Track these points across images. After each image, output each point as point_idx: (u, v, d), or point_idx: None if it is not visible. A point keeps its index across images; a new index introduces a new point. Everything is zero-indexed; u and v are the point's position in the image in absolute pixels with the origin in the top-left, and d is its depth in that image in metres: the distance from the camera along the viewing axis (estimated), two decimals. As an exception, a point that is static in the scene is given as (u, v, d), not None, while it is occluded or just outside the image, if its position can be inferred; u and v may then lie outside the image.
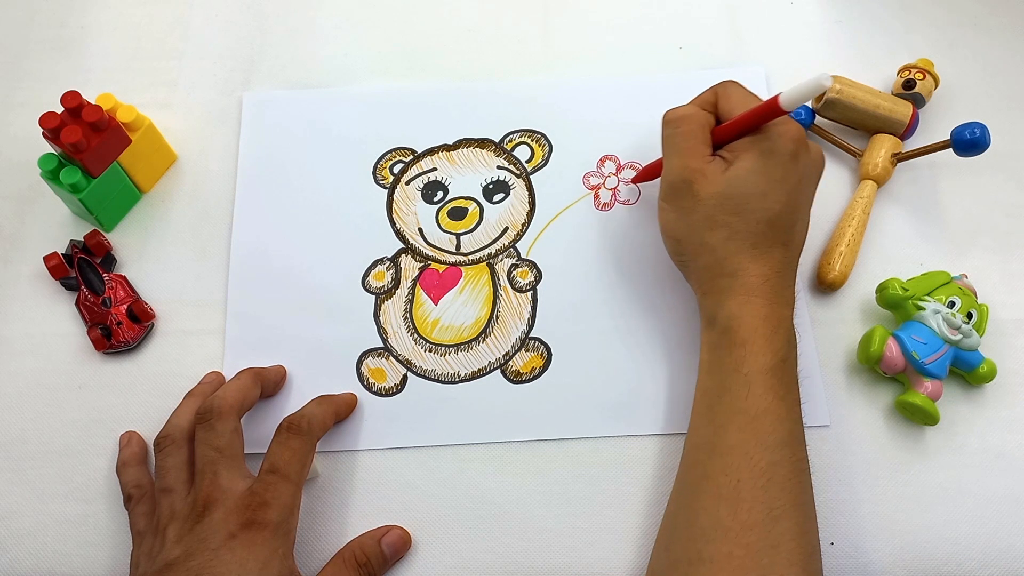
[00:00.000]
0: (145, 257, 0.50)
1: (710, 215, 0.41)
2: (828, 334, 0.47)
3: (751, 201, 0.40)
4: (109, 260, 0.49)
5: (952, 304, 0.45)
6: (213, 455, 0.40)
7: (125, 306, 0.48)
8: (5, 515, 0.44)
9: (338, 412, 0.44)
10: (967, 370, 0.45)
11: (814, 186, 0.44)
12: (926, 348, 0.44)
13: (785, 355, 0.40)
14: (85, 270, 0.49)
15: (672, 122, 0.44)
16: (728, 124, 0.43)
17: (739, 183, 0.41)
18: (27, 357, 0.47)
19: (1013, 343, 0.47)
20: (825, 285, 0.48)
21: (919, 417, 0.44)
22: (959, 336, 0.44)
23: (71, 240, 0.50)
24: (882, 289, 0.46)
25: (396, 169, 0.52)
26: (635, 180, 0.51)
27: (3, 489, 0.45)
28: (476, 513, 0.44)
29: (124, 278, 0.49)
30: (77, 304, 0.48)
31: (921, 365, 0.43)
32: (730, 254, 0.41)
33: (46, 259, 0.49)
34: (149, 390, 0.47)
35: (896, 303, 0.45)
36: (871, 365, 0.45)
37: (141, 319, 0.47)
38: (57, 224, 0.51)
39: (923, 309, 0.44)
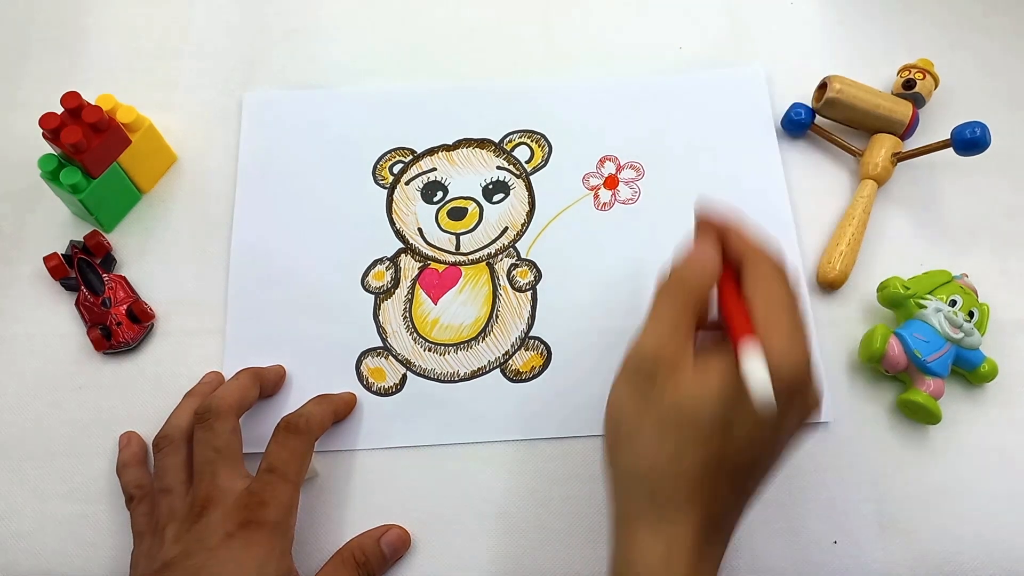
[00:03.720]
0: (145, 257, 0.50)
1: (663, 422, 0.33)
2: (829, 333, 0.47)
3: (705, 432, 0.32)
4: (109, 260, 0.49)
5: (953, 303, 0.45)
6: (211, 455, 0.39)
7: (125, 306, 0.48)
8: (5, 515, 0.44)
9: (337, 411, 0.44)
10: (969, 369, 0.45)
11: (793, 437, 0.34)
12: (928, 346, 0.44)
13: None
14: (85, 270, 0.49)
15: (677, 273, 0.35)
16: (725, 308, 0.35)
17: (701, 406, 0.32)
18: (27, 357, 0.47)
19: (1014, 343, 0.47)
20: (826, 284, 0.48)
21: (921, 416, 0.44)
22: (961, 335, 0.44)
23: (71, 240, 0.50)
24: (883, 288, 0.46)
25: (396, 169, 0.52)
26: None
27: (3, 489, 0.44)
28: (476, 513, 0.44)
29: (124, 278, 0.49)
30: (77, 304, 0.48)
31: (923, 363, 0.43)
32: (670, 479, 0.32)
33: (46, 259, 0.49)
34: (149, 390, 0.46)
35: (897, 301, 0.45)
36: (873, 364, 0.45)
37: (141, 319, 0.47)
38: (57, 224, 0.51)
39: (924, 307, 0.44)
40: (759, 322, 0.32)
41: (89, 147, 0.46)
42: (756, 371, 0.30)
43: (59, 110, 0.46)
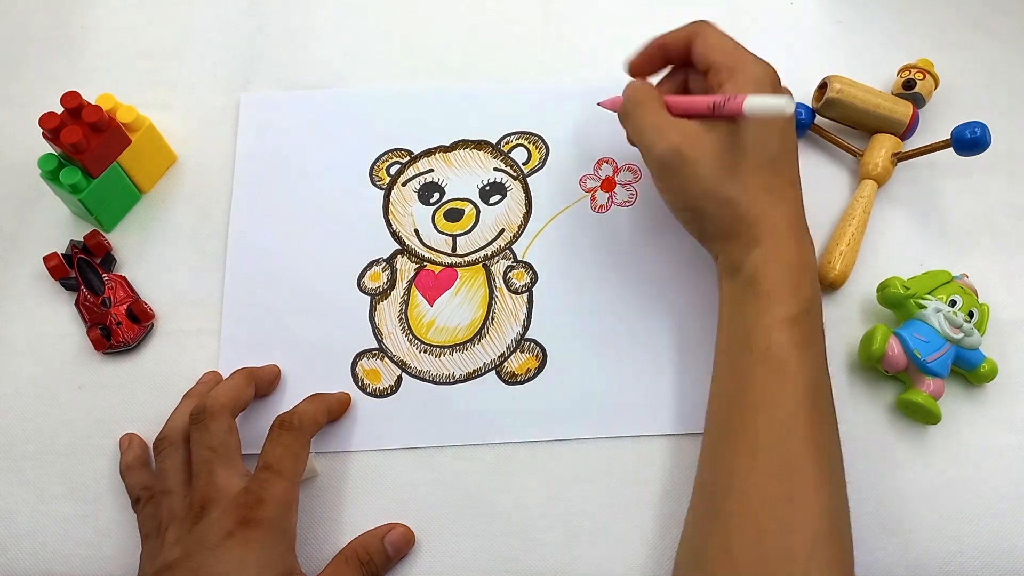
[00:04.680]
0: (145, 257, 0.50)
1: (714, 172, 0.41)
2: (829, 333, 0.46)
3: (749, 148, 0.41)
4: (109, 260, 0.50)
5: (953, 303, 0.45)
6: (208, 455, 0.39)
7: (125, 306, 0.48)
8: (5, 515, 0.44)
9: (331, 410, 0.44)
10: (968, 369, 0.45)
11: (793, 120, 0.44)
12: (928, 346, 0.43)
13: (810, 305, 0.40)
14: (85, 270, 0.49)
15: (632, 107, 0.44)
16: (685, 105, 0.43)
17: (731, 134, 0.41)
18: (27, 357, 0.48)
19: (1014, 343, 0.47)
20: (826, 284, 0.48)
21: (921, 416, 0.44)
22: (961, 335, 0.44)
23: (71, 240, 0.50)
24: (883, 287, 0.46)
25: (393, 170, 0.52)
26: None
27: (3, 489, 0.45)
28: (475, 513, 0.44)
29: (124, 278, 0.49)
30: (77, 304, 0.48)
31: (923, 363, 0.43)
32: (749, 203, 0.41)
33: (46, 259, 0.49)
34: (149, 390, 0.47)
35: (897, 301, 0.45)
36: (873, 364, 0.45)
37: (141, 319, 0.47)
38: (57, 224, 0.51)
39: (924, 307, 0.44)
40: (734, 66, 0.42)
41: (89, 147, 0.46)
42: (767, 103, 0.39)
43: (59, 110, 0.46)
